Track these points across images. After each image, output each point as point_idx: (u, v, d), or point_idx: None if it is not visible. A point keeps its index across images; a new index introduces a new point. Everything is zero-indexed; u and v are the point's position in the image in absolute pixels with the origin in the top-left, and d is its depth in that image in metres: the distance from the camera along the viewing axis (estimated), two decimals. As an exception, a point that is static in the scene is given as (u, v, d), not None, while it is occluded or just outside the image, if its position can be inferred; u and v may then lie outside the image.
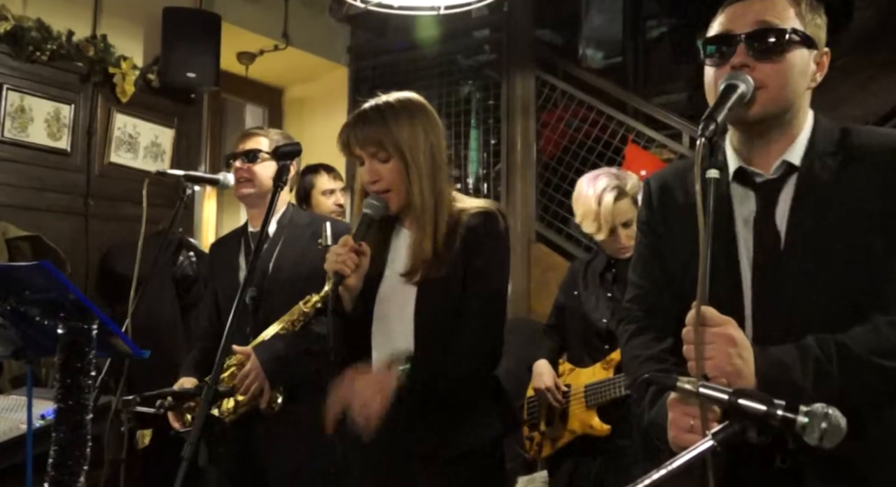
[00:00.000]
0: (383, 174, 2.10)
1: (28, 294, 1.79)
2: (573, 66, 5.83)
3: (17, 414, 2.56)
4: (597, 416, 2.97)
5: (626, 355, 1.77)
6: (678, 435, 1.43)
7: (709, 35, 1.63)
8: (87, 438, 1.80)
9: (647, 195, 1.82)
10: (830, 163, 1.57)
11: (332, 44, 6.22)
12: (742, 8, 1.59)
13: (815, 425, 1.19)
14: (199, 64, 4.79)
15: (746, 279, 1.58)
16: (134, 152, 4.76)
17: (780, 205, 1.58)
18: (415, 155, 2.10)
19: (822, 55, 1.62)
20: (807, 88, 1.60)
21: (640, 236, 1.84)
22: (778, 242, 1.56)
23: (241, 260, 2.96)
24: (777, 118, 1.58)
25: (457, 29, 5.74)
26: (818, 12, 1.61)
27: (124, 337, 1.90)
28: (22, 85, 4.21)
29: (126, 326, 2.70)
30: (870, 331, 1.46)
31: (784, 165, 1.59)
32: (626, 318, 1.81)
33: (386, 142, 2.08)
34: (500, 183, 5.47)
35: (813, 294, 1.51)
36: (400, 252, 2.19)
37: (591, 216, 2.96)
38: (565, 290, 3.26)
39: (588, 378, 3.02)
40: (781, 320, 1.53)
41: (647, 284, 1.78)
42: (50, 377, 3.43)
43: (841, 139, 1.60)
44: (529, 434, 3.24)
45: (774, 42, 1.54)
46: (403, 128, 2.11)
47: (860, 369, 1.42)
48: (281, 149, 2.13)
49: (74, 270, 4.04)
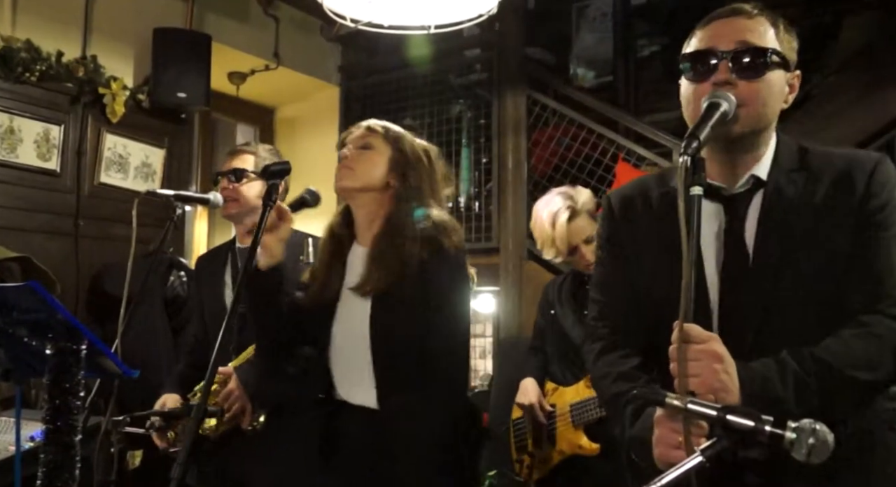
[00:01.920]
0: (356, 157, 2.18)
1: (16, 314, 1.79)
2: (564, 84, 5.85)
3: (6, 436, 2.55)
4: (585, 436, 2.96)
5: (596, 373, 1.76)
6: (665, 452, 1.42)
7: (687, 51, 1.64)
8: (76, 459, 1.79)
9: (608, 210, 1.82)
10: (795, 178, 1.60)
11: (324, 63, 6.24)
12: (724, 26, 1.60)
13: (803, 441, 1.19)
14: (190, 84, 4.80)
15: (713, 293, 1.59)
16: (124, 172, 4.75)
17: (749, 218, 1.61)
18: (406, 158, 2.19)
19: (794, 77, 1.65)
20: (780, 108, 1.63)
21: (601, 253, 1.84)
22: (746, 255, 1.58)
23: (227, 276, 2.94)
24: (753, 136, 1.60)
25: (448, 48, 5.77)
26: (792, 35, 1.65)
27: (113, 357, 1.89)
28: (11, 106, 4.21)
29: (116, 346, 2.68)
30: (840, 343, 1.49)
31: (752, 179, 1.62)
32: (592, 336, 1.80)
33: (379, 132, 2.19)
34: (492, 201, 5.47)
35: (780, 306, 1.54)
36: (354, 268, 2.21)
37: (549, 242, 2.95)
38: (542, 311, 3.26)
39: (572, 396, 3.01)
40: (749, 332, 1.55)
41: (611, 301, 1.78)
42: (39, 398, 3.41)
43: (801, 156, 1.64)
44: (519, 457, 3.22)
45: (756, 61, 1.56)
46: (406, 138, 2.22)
47: (836, 381, 1.45)
48: (270, 168, 2.12)
49: (65, 291, 4.02)
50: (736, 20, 1.60)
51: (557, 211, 2.93)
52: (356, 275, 2.18)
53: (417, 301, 2.09)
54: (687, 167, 1.38)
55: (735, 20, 1.60)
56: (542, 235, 2.97)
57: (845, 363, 1.46)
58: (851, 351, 1.47)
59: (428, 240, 2.12)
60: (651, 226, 1.69)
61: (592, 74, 7.06)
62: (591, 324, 1.83)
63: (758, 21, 1.59)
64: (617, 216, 1.79)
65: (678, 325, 1.37)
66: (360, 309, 2.16)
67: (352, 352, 2.18)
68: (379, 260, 2.12)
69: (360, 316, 2.16)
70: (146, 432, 2.60)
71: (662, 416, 1.44)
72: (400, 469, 2.06)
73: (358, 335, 2.16)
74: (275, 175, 2.10)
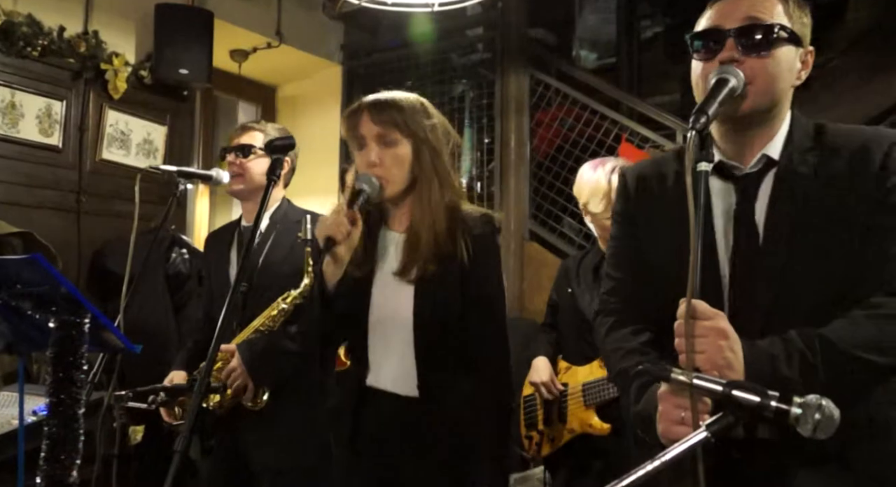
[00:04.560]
0: (385, 159, 2.08)
1: (20, 288, 1.78)
2: (567, 64, 5.83)
3: (9, 410, 2.55)
4: (596, 415, 2.97)
5: (607, 347, 1.76)
6: (669, 428, 1.42)
7: (697, 30, 1.63)
8: (79, 432, 1.79)
9: (622, 186, 1.82)
10: (809, 157, 1.58)
11: (326, 42, 6.21)
12: (731, 4, 1.60)
13: (809, 416, 1.19)
14: (192, 61, 4.78)
15: (724, 272, 1.59)
16: (126, 149, 4.74)
17: (760, 198, 1.59)
18: (430, 142, 2.10)
19: (807, 53, 1.63)
20: (792, 86, 1.62)
21: (616, 227, 1.83)
22: (757, 236, 1.57)
23: (232, 254, 2.95)
24: (763, 114, 1.59)
25: (450, 27, 5.74)
26: (804, 11, 1.63)
27: (116, 331, 1.89)
28: (13, 81, 4.19)
29: (118, 322, 2.69)
30: (849, 324, 1.47)
31: (763, 159, 1.60)
32: (604, 310, 1.81)
33: (401, 124, 2.07)
34: (494, 181, 5.47)
35: (791, 287, 1.52)
36: (388, 252, 2.16)
37: (601, 194, 2.97)
38: (558, 288, 3.26)
39: (585, 376, 3.02)
40: (760, 313, 1.53)
41: (625, 276, 1.78)
42: (41, 374, 3.42)
43: (816, 135, 1.62)
44: (528, 433, 3.23)
45: (762, 37, 1.54)
46: (420, 115, 2.12)
47: (843, 362, 1.43)
48: (274, 142, 2.11)
49: (66, 267, 4.02)
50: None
51: (613, 168, 2.99)
52: (392, 260, 2.12)
53: (460, 285, 2.07)
54: (695, 142, 1.38)
55: None
56: (595, 188, 2.99)
57: (853, 344, 1.44)
58: (861, 331, 1.45)
59: (466, 222, 2.10)
60: (665, 204, 1.68)
61: (595, 56, 7.05)
62: (603, 298, 1.83)
63: None
64: (632, 192, 1.79)
65: (685, 301, 1.36)
66: (400, 294, 2.10)
67: (391, 338, 2.12)
68: (419, 246, 2.06)
69: (400, 301, 2.10)
70: (148, 407, 2.61)
71: (666, 392, 1.44)
72: (448, 458, 2.04)
73: (398, 320, 2.10)
74: (278, 149, 2.08)
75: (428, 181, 2.10)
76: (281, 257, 2.85)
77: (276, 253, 2.86)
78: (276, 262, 2.85)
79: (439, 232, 2.07)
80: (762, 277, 1.55)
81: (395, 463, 2.09)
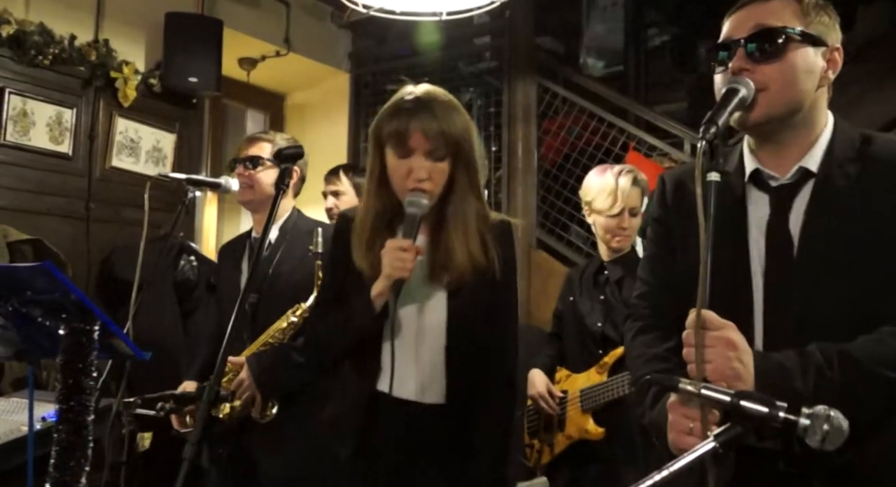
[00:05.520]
0: (435, 175, 2.02)
1: (30, 295, 1.79)
2: (574, 73, 5.83)
3: (18, 416, 2.56)
4: (592, 420, 2.98)
5: (631, 353, 1.77)
6: (678, 438, 1.43)
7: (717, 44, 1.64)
8: (88, 439, 1.80)
9: (660, 192, 1.80)
10: (849, 170, 1.55)
11: (334, 50, 6.23)
12: (742, 14, 1.60)
13: (817, 427, 1.19)
14: (201, 69, 4.80)
15: (758, 284, 1.57)
16: (135, 156, 4.76)
17: (795, 210, 1.57)
18: (469, 154, 2.06)
19: (833, 51, 1.60)
20: (818, 87, 1.59)
21: (651, 233, 1.83)
22: (791, 248, 1.55)
23: (244, 265, 2.96)
24: (784, 120, 1.57)
25: (458, 36, 5.75)
26: (825, 10, 1.60)
27: (125, 338, 1.90)
28: (24, 89, 4.21)
29: (127, 329, 2.69)
30: (875, 341, 1.45)
31: (801, 171, 1.58)
32: (633, 315, 1.81)
33: (449, 140, 2.01)
34: (501, 190, 5.47)
35: (824, 302, 1.50)
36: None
37: (608, 191, 3.00)
38: (562, 298, 3.29)
39: (583, 382, 3.04)
40: (792, 327, 1.52)
41: (655, 281, 1.78)
42: (51, 380, 3.43)
43: (861, 146, 1.58)
44: (530, 442, 3.25)
45: (771, 42, 1.54)
46: (468, 133, 2.07)
47: (862, 378, 1.41)
48: (283, 152, 2.11)
49: (75, 274, 4.04)
50: (752, 7, 1.59)
51: (621, 171, 3.04)
52: (417, 267, 2.02)
53: (491, 294, 2.07)
54: (704, 152, 1.38)
55: (751, 7, 1.60)
56: (604, 186, 3.02)
57: (875, 360, 1.42)
58: (885, 347, 1.43)
59: (494, 230, 2.10)
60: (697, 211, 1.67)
61: (602, 64, 7.05)
62: (633, 302, 1.83)
63: (773, 3, 1.57)
64: (668, 198, 1.78)
65: (694, 312, 1.36)
66: (430, 300, 2.07)
67: (418, 344, 2.07)
68: (452, 257, 2.03)
69: (432, 307, 2.07)
70: (157, 414, 2.62)
71: (676, 402, 1.44)
72: (474, 467, 2.03)
73: (429, 327, 2.07)
74: (287, 159, 2.09)
75: (464, 195, 2.07)
76: (290, 267, 2.85)
77: (286, 265, 2.87)
78: (285, 273, 2.85)
79: (473, 245, 2.04)
80: (795, 291, 1.53)
81: (412, 471, 2.07)
